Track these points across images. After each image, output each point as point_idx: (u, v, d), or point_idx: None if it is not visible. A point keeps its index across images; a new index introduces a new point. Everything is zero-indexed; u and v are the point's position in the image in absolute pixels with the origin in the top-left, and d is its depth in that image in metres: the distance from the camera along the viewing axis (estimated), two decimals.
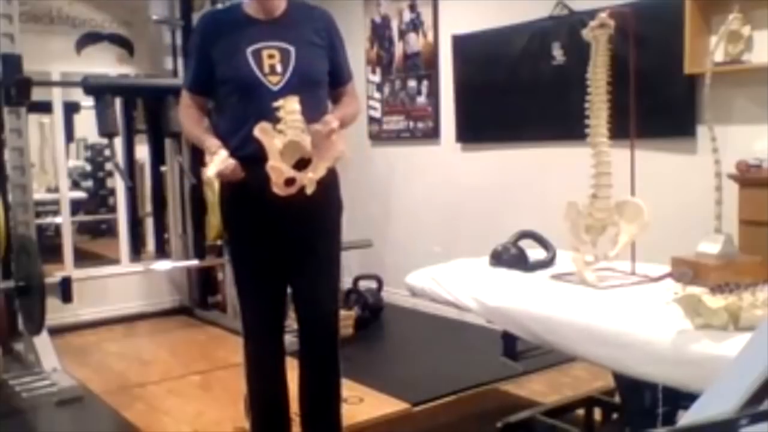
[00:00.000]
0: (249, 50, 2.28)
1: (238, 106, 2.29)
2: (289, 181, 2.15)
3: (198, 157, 4.85)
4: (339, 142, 2.22)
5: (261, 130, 2.15)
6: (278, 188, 2.13)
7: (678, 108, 3.50)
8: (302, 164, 2.19)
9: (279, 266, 2.42)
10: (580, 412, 2.84)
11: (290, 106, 2.16)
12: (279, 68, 2.29)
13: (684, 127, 3.49)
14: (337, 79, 2.46)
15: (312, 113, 2.29)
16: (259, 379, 2.52)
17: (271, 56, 2.29)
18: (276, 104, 2.17)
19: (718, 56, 3.21)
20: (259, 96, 2.26)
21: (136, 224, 5.58)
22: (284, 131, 2.15)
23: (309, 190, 2.16)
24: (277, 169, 2.13)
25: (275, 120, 2.18)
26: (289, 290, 2.49)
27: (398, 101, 5.16)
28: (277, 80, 2.28)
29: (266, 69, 2.28)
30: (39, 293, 3.56)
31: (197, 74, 2.39)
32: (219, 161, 2.18)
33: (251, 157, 2.19)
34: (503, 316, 2.27)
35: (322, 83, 2.40)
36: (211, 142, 2.28)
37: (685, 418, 1.06)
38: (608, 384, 2.72)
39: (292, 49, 2.31)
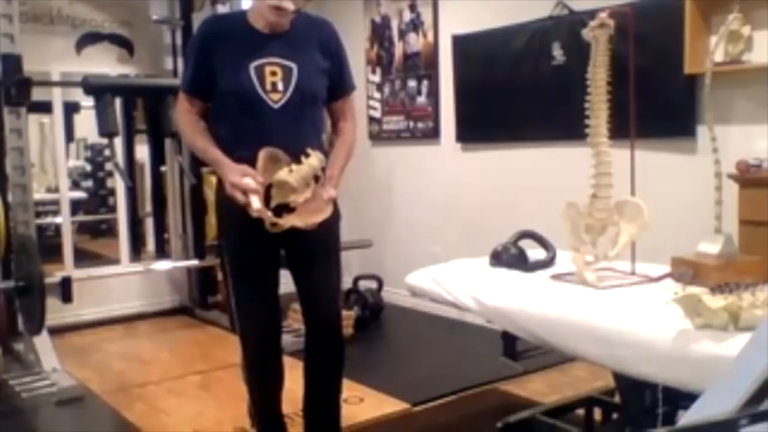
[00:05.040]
0: (252, 65, 2.27)
1: (239, 119, 2.29)
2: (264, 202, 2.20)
3: (198, 158, 4.88)
4: (326, 212, 2.25)
5: (269, 155, 2.18)
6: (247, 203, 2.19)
7: (678, 108, 3.49)
8: (284, 209, 2.23)
9: (275, 267, 2.42)
10: (580, 412, 2.84)
11: (314, 161, 2.21)
12: (280, 86, 2.28)
13: (684, 127, 3.49)
14: (339, 91, 2.45)
15: (310, 131, 2.34)
16: (261, 381, 2.51)
17: (273, 73, 2.28)
18: (308, 151, 2.21)
19: (718, 56, 3.20)
20: (259, 112, 2.26)
21: (136, 224, 5.59)
22: (293, 172, 2.19)
23: (267, 228, 2.18)
24: (256, 190, 2.17)
25: (274, 138, 2.22)
26: (292, 289, 2.50)
27: (398, 101, 5.16)
28: (278, 98, 2.28)
29: (268, 86, 2.27)
30: (39, 293, 3.56)
31: (196, 77, 2.37)
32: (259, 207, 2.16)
33: (251, 165, 2.20)
34: (503, 316, 2.27)
35: (321, 101, 2.41)
36: (227, 163, 2.25)
37: (685, 418, 1.06)
38: (608, 384, 2.72)
39: (294, 66, 2.30)
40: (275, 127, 2.25)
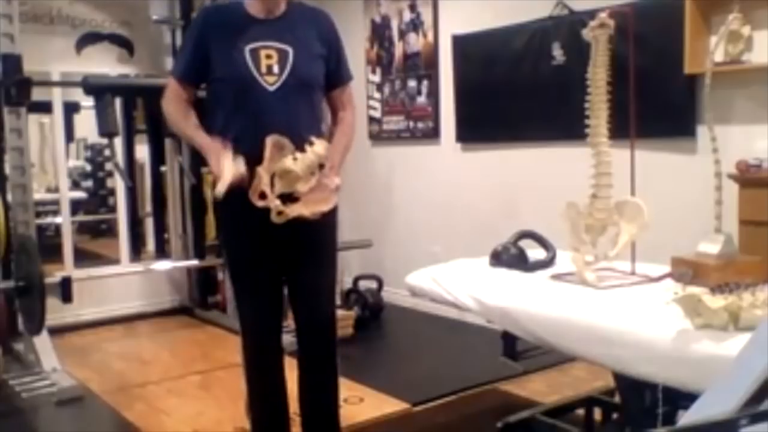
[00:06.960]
0: (247, 48, 2.28)
1: (233, 104, 2.29)
2: (262, 195, 2.16)
3: (198, 157, 4.88)
4: (331, 200, 2.24)
5: (275, 143, 2.16)
6: (252, 192, 2.15)
7: (678, 108, 3.49)
8: (287, 198, 2.21)
9: (275, 264, 2.41)
10: (580, 412, 2.84)
11: (319, 149, 2.20)
12: (276, 69, 2.29)
13: (684, 127, 3.49)
14: (336, 80, 2.46)
15: (307, 115, 2.34)
16: (259, 378, 2.51)
17: (268, 56, 2.29)
18: (312, 139, 2.20)
19: (718, 56, 3.20)
20: (254, 95, 2.26)
21: (136, 224, 5.59)
22: (297, 161, 2.18)
23: (273, 218, 2.16)
24: (261, 176, 2.15)
25: (270, 121, 2.20)
26: (285, 291, 2.49)
27: (398, 101, 5.16)
28: (274, 80, 2.29)
29: (263, 69, 2.28)
30: (39, 293, 3.55)
31: (191, 63, 2.38)
32: (229, 173, 2.13)
33: (245, 155, 2.19)
34: (503, 316, 2.27)
35: (318, 87, 2.41)
36: (208, 142, 2.27)
37: (685, 418, 1.06)
38: (608, 384, 2.72)
39: (290, 50, 2.31)
40: (271, 109, 2.25)
